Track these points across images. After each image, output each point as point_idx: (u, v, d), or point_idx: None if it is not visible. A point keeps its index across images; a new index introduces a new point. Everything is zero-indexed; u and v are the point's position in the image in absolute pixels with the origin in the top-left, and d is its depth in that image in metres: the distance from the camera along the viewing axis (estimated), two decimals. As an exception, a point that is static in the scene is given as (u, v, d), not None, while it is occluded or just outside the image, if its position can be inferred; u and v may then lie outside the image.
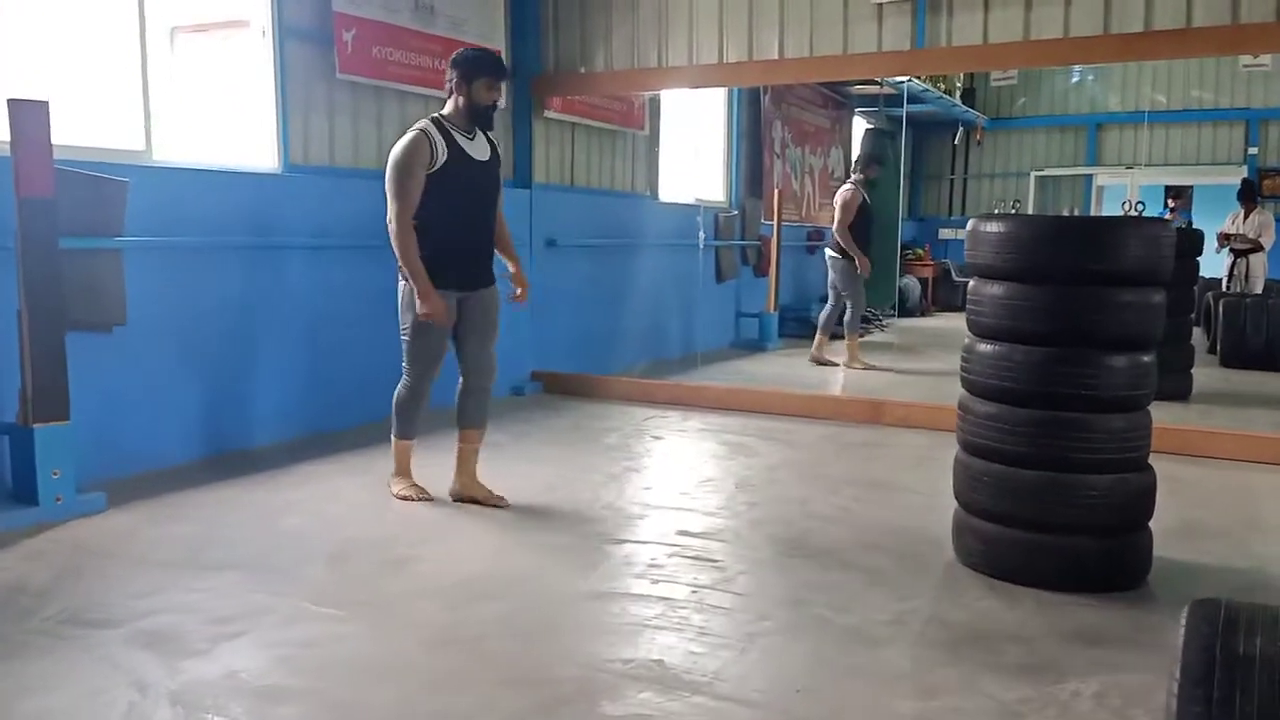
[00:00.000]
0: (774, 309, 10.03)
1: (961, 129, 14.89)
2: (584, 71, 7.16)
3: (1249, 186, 10.53)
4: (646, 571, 3.52)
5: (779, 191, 10.32)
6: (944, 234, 15.50)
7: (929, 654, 2.86)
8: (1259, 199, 10.69)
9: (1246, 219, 10.13)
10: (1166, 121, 14.11)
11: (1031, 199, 15.13)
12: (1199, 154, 14.16)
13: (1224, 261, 10.41)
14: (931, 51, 6.10)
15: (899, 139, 12.08)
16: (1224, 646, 1.63)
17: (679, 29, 6.80)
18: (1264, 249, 10.10)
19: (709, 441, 5.82)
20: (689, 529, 4.01)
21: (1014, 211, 14.37)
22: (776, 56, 6.51)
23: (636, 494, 4.58)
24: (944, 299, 14.25)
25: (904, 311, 13.10)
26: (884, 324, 11.85)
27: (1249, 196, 10.26)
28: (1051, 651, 2.87)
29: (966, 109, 14.21)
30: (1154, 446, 3.48)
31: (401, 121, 5.98)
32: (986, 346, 3.43)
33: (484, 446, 4.37)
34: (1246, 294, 9.65)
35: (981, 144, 15.54)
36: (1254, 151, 13.63)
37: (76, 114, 4.47)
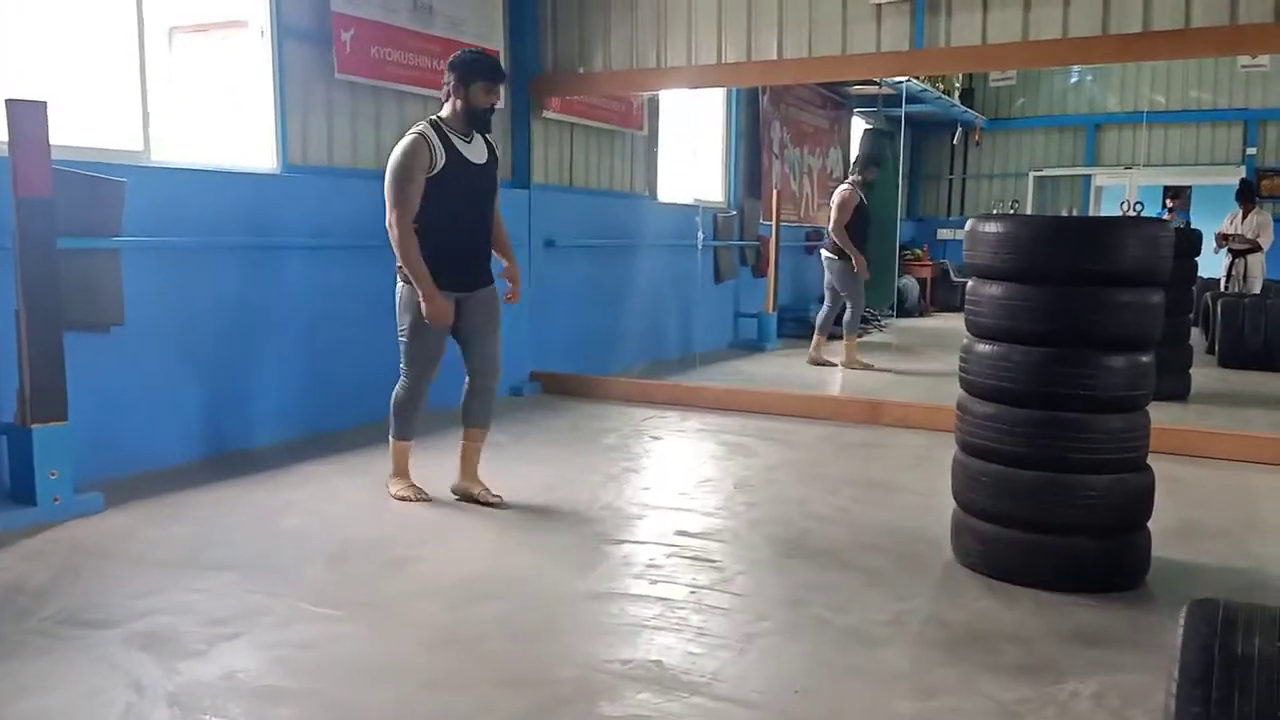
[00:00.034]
0: (772, 309, 10.04)
1: (960, 129, 14.90)
2: (582, 72, 7.16)
3: (1247, 187, 10.54)
4: (645, 572, 3.52)
5: (777, 192, 10.32)
6: (942, 234, 15.51)
7: (927, 654, 2.86)
8: (1257, 199, 10.69)
9: (1245, 219, 10.14)
10: (1165, 122, 14.12)
11: (1030, 199, 15.14)
12: (1197, 154, 14.17)
13: (1222, 262, 10.42)
14: (930, 52, 6.11)
15: (898, 139, 12.10)
16: (1222, 647, 1.63)
17: (677, 29, 6.80)
18: (1262, 249, 10.11)
19: (707, 442, 5.82)
20: (687, 529, 4.01)
21: (1012, 212, 14.37)
22: (775, 57, 6.51)
23: (635, 494, 4.58)
24: (942, 299, 14.27)
25: (902, 312, 13.10)
26: (883, 324, 11.85)
27: (1247, 197, 10.27)
28: (1050, 652, 2.87)
29: (965, 109, 14.21)
30: (1152, 447, 3.48)
31: (400, 122, 5.99)
32: (985, 347, 3.44)
33: (484, 446, 4.38)
34: (1245, 294, 9.66)
35: (980, 144, 15.55)
36: (1252, 152, 13.65)
37: (75, 114, 4.47)
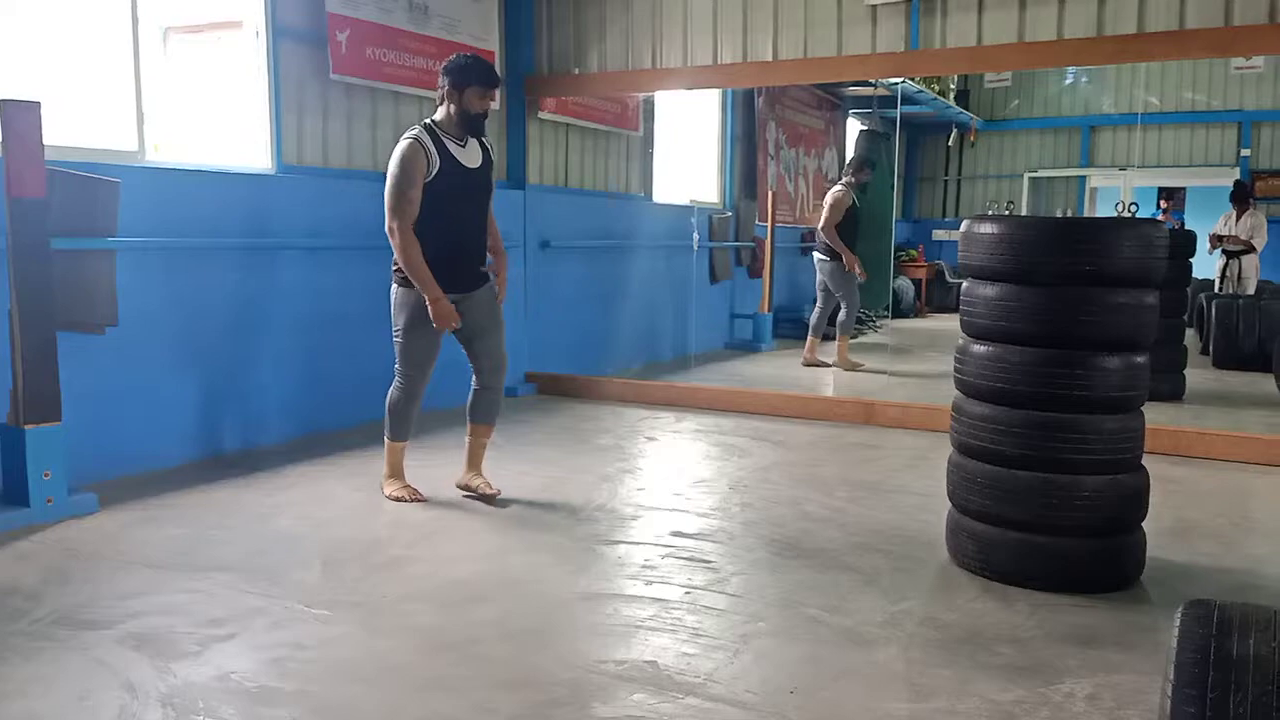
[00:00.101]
0: (768, 310, 10.04)
1: (955, 131, 14.90)
2: (578, 72, 7.16)
3: (1242, 188, 10.54)
4: (640, 573, 3.51)
5: (773, 193, 10.32)
6: (938, 235, 15.50)
7: (923, 655, 2.86)
8: (1252, 201, 10.71)
9: (1239, 220, 10.15)
10: (1159, 123, 14.13)
11: (1025, 200, 15.14)
12: (1192, 156, 14.18)
13: (1216, 263, 10.43)
14: (925, 53, 6.12)
15: (893, 141, 12.10)
16: (1217, 647, 1.63)
17: (673, 30, 6.80)
18: (1256, 250, 10.12)
19: (703, 443, 5.82)
20: (683, 530, 4.01)
21: (1008, 213, 14.39)
22: (771, 58, 6.51)
23: (630, 495, 4.58)
24: (938, 300, 14.29)
25: (898, 313, 13.10)
26: (878, 325, 11.85)
27: (1242, 198, 10.28)
28: (1045, 652, 2.87)
29: (960, 111, 14.21)
30: (1147, 447, 3.49)
31: (395, 122, 5.99)
32: (980, 347, 3.44)
33: (489, 442, 4.46)
34: (1239, 295, 9.68)
35: (975, 145, 15.56)
36: (1246, 153, 13.66)
37: (69, 114, 4.46)
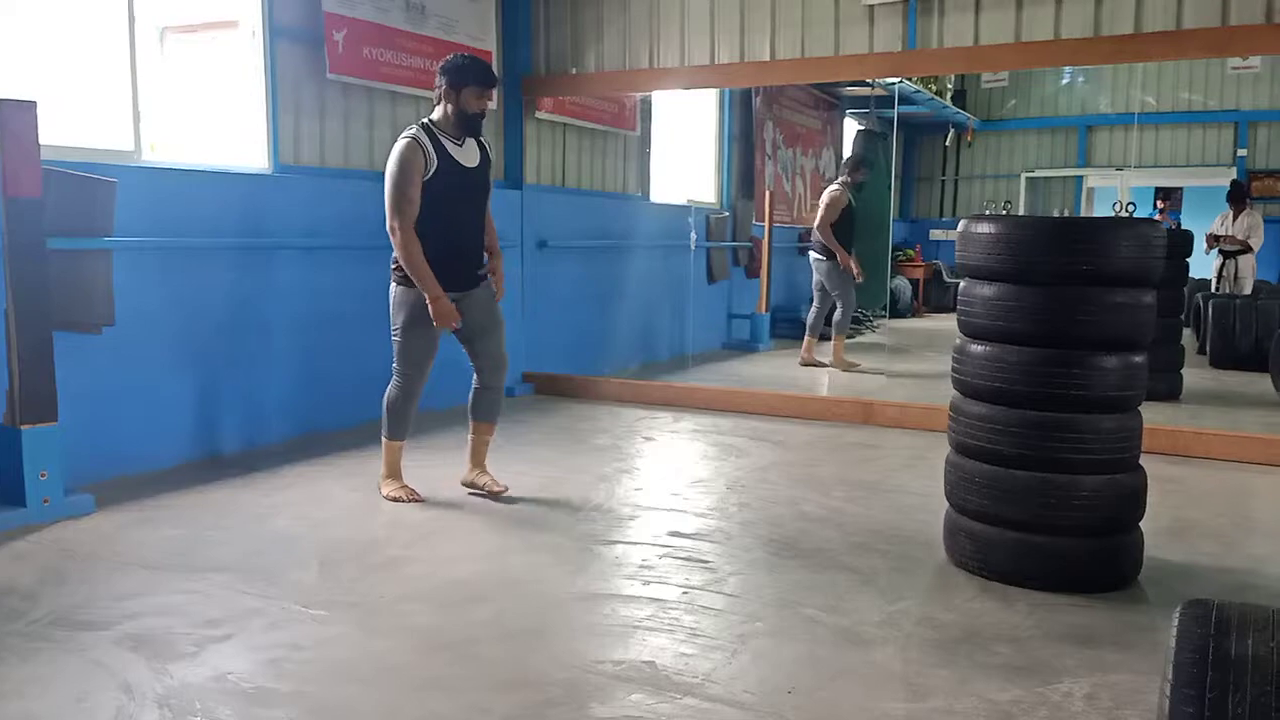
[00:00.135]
0: (765, 310, 10.05)
1: (952, 131, 14.92)
2: (575, 72, 7.15)
3: (1238, 188, 10.56)
4: (638, 573, 3.51)
5: (770, 193, 10.33)
6: (935, 235, 15.52)
7: (920, 655, 2.85)
8: (1248, 200, 10.72)
9: (1235, 220, 10.16)
10: (1156, 123, 14.16)
11: (1022, 200, 15.16)
12: (1188, 156, 14.21)
13: (1213, 263, 10.44)
14: (922, 53, 6.12)
15: (890, 140, 12.11)
16: (1216, 647, 1.63)
17: (670, 30, 6.80)
18: (1252, 250, 10.13)
19: (700, 442, 5.82)
20: (680, 530, 4.01)
21: (1005, 213, 14.40)
22: (768, 58, 6.51)
23: (628, 495, 4.57)
24: (935, 300, 14.30)
25: (895, 313, 13.11)
26: (875, 325, 11.86)
27: (1238, 198, 10.29)
28: (1043, 652, 2.87)
29: (957, 111, 14.24)
30: (1145, 447, 3.49)
31: (392, 122, 5.98)
32: (978, 347, 3.44)
33: (491, 439, 4.49)
34: (1236, 295, 9.69)
35: (972, 145, 15.58)
36: (1243, 153, 13.68)
37: (65, 114, 4.45)
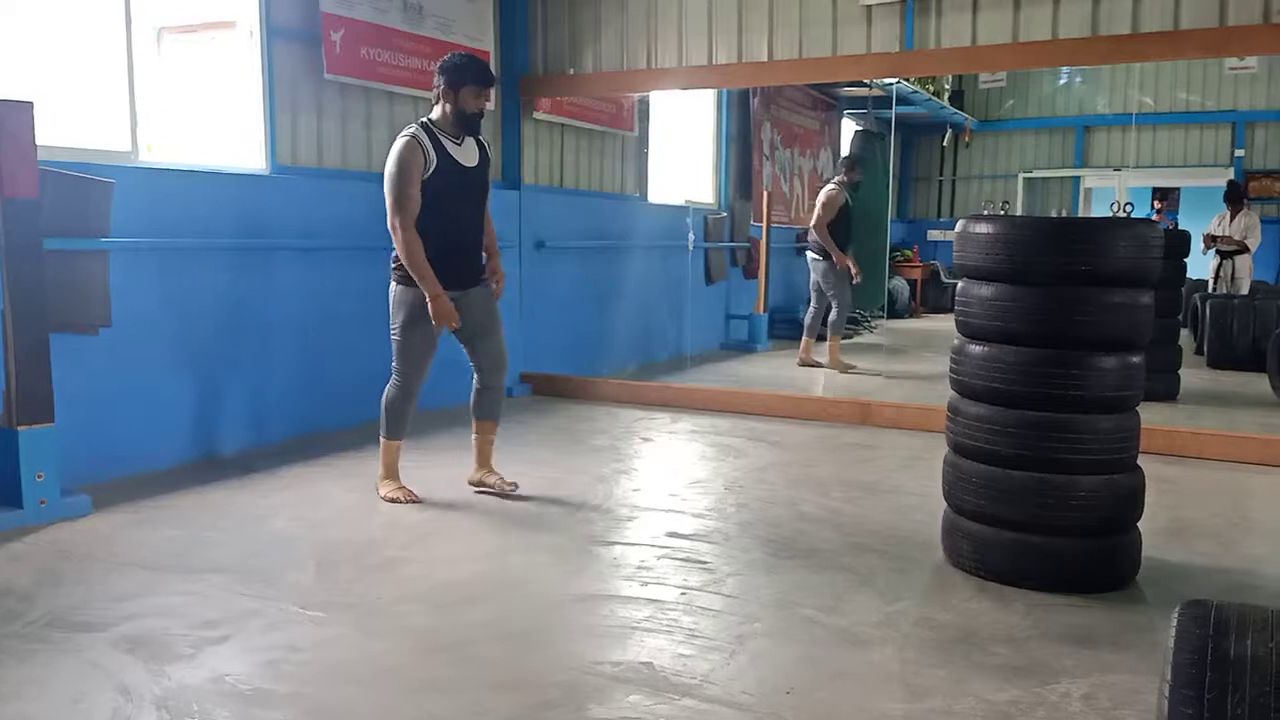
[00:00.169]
0: (763, 310, 10.05)
1: (950, 131, 14.93)
2: (573, 72, 7.15)
3: (1235, 188, 10.57)
4: (635, 574, 3.51)
5: (768, 193, 10.33)
6: (933, 235, 15.53)
7: (918, 655, 2.85)
8: (1246, 201, 10.73)
9: (1233, 221, 10.17)
10: (1154, 124, 14.17)
11: (1020, 200, 15.17)
12: (1186, 156, 14.22)
13: (1210, 263, 10.45)
14: (920, 53, 6.12)
15: (888, 141, 12.11)
16: (1214, 648, 1.63)
17: (668, 30, 6.80)
18: (1250, 250, 10.14)
19: (698, 443, 5.81)
20: (678, 531, 4.01)
21: (1003, 213, 14.40)
22: (766, 58, 6.52)
23: (625, 496, 4.57)
24: (933, 300, 14.31)
25: (893, 313, 13.12)
26: (873, 326, 11.86)
27: (1236, 198, 10.30)
28: (1041, 653, 2.87)
29: (955, 111, 14.24)
30: (1142, 447, 3.49)
31: (390, 122, 5.98)
32: (976, 348, 3.44)
33: (494, 437, 4.50)
34: (1233, 295, 9.70)
35: (970, 146, 15.59)
36: (1240, 153, 13.70)
37: (62, 114, 4.44)
